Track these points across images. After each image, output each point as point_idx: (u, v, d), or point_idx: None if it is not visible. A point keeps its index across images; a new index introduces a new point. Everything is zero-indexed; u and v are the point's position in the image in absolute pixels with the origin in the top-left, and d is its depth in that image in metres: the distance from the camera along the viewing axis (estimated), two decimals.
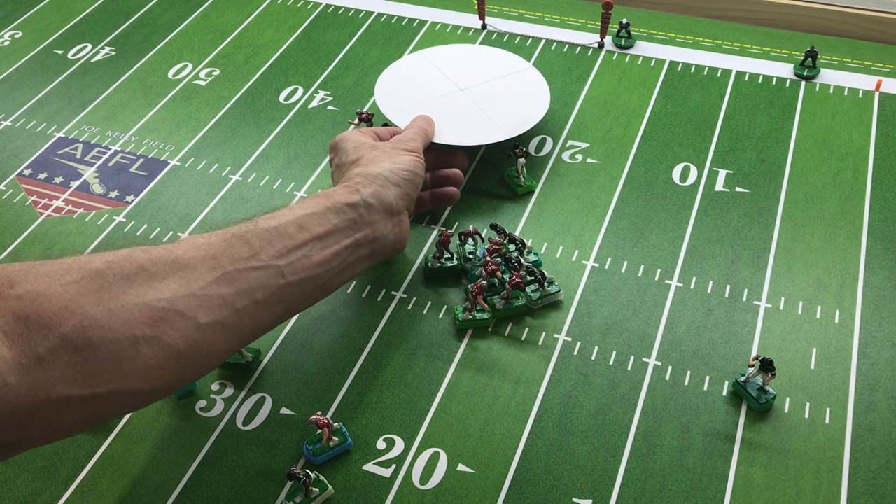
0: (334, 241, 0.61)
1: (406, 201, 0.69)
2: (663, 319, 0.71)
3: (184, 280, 0.52)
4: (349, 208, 0.63)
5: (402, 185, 0.68)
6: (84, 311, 0.47)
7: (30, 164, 0.90)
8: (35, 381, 0.44)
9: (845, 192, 0.81)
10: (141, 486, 0.62)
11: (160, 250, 0.53)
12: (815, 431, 0.63)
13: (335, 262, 0.61)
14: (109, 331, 0.47)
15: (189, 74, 1.01)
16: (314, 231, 0.60)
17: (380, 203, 0.65)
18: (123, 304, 0.48)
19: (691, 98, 0.93)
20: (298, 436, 0.64)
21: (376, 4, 1.10)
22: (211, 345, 0.53)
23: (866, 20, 1.01)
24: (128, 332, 0.48)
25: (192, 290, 0.52)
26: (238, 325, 0.54)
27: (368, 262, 0.66)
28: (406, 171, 0.69)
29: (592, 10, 1.07)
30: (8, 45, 1.08)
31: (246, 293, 0.54)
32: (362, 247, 0.64)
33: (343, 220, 0.62)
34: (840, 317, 0.70)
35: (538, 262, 0.75)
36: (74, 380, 0.45)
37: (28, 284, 0.46)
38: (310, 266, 0.59)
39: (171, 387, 0.51)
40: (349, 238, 0.62)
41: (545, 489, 0.60)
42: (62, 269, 0.48)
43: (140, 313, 0.49)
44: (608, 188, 0.83)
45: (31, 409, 0.44)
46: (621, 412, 0.64)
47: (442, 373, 0.68)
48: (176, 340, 0.50)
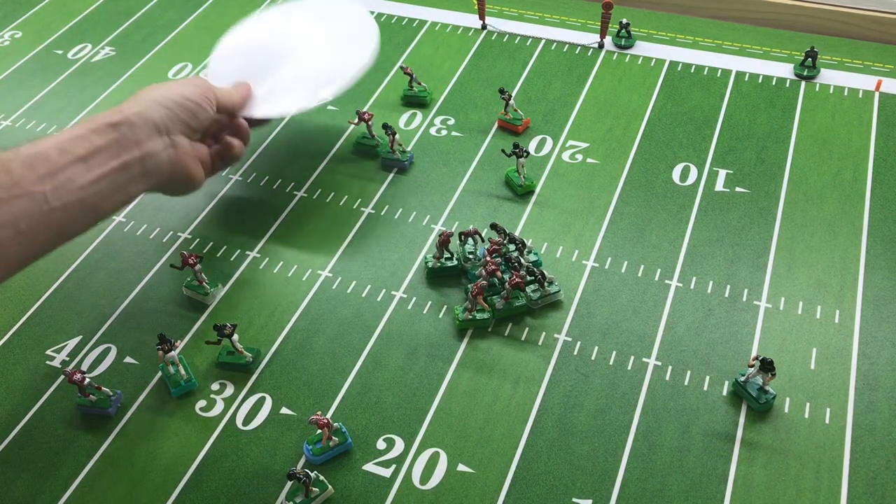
0: (99, 162, 0.60)
1: (179, 125, 0.67)
2: (663, 319, 0.71)
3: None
4: (111, 128, 0.61)
5: (172, 108, 0.66)
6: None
7: None
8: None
9: (845, 192, 0.81)
10: (141, 486, 0.62)
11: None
12: (815, 431, 0.63)
13: (103, 184, 0.60)
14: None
15: (189, 74, 1.01)
16: (76, 153, 0.59)
17: (143, 121, 0.63)
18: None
19: (691, 98, 0.93)
20: (298, 436, 0.64)
21: (376, 4, 1.10)
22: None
23: (866, 20, 1.01)
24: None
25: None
26: (2, 257, 0.53)
27: (143, 183, 0.64)
28: (178, 96, 0.67)
29: (592, 10, 1.07)
30: (8, 45, 1.08)
31: (9, 224, 0.54)
32: (131, 166, 0.62)
33: (106, 139, 0.61)
34: (840, 317, 0.70)
35: (538, 261, 0.75)
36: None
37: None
38: (75, 189, 0.58)
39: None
40: (116, 160, 0.61)
41: (545, 489, 0.60)
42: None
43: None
44: (608, 188, 0.83)
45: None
46: (621, 412, 0.64)
47: (442, 373, 0.68)
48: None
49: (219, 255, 0.79)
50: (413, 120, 0.92)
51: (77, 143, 0.59)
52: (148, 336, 0.72)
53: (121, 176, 0.61)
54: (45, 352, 0.72)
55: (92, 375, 0.69)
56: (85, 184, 0.58)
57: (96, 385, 0.66)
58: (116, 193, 0.61)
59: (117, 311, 0.74)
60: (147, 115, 0.64)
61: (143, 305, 0.75)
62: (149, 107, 0.65)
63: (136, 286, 0.77)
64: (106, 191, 0.60)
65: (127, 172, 0.62)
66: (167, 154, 0.65)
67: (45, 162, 0.57)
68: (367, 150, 0.88)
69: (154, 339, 0.69)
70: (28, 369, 0.70)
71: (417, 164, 0.87)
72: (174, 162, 0.66)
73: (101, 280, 0.77)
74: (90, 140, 0.60)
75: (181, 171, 0.67)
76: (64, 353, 0.71)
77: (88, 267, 0.78)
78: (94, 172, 0.59)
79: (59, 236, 0.58)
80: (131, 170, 0.62)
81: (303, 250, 0.79)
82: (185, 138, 0.67)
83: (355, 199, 0.83)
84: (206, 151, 0.71)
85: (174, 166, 0.66)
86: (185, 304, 0.75)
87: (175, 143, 0.66)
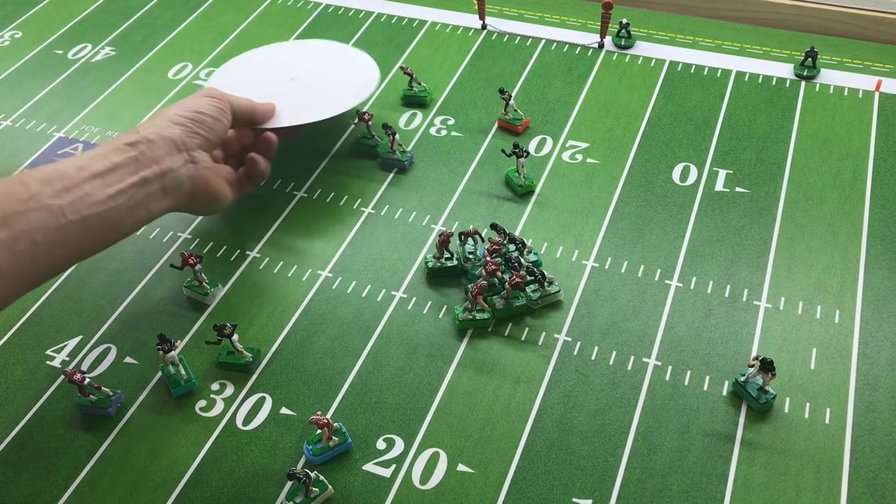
0: (117, 178, 0.60)
1: (197, 140, 0.67)
2: (663, 319, 0.71)
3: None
4: (129, 147, 0.62)
5: (187, 125, 0.67)
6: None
7: (30, 164, 0.90)
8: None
9: (845, 192, 0.81)
10: (141, 486, 0.62)
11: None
12: (815, 431, 0.63)
13: (122, 200, 0.60)
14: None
15: (189, 74, 1.01)
16: (94, 170, 0.59)
17: (161, 139, 0.64)
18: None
19: (691, 98, 0.93)
20: (298, 436, 0.64)
21: (376, 4, 1.10)
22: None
23: (866, 20, 1.01)
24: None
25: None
26: (18, 270, 0.54)
27: (165, 200, 0.64)
28: (192, 112, 0.68)
29: (592, 10, 1.07)
30: (8, 45, 1.08)
31: (26, 236, 0.54)
32: (151, 183, 0.62)
33: (124, 157, 0.61)
34: (840, 317, 0.70)
35: (538, 262, 0.75)
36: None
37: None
38: (92, 204, 0.58)
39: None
40: (134, 175, 0.61)
41: (545, 489, 0.60)
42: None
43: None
44: (608, 188, 0.83)
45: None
46: (621, 412, 0.64)
47: (442, 373, 0.68)
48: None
49: (219, 255, 0.79)
50: (413, 120, 0.92)
51: (95, 161, 0.60)
52: (148, 336, 0.72)
53: (140, 192, 0.61)
54: (45, 352, 0.72)
55: (92, 375, 0.69)
56: (103, 198, 0.59)
57: (96, 385, 0.66)
58: (136, 210, 0.62)
59: (117, 311, 0.74)
60: (164, 133, 0.65)
61: (143, 305, 0.75)
62: (165, 125, 0.65)
63: (136, 286, 0.77)
64: (125, 207, 0.60)
65: (146, 189, 0.62)
66: (187, 170, 0.65)
67: (63, 178, 0.57)
68: (367, 150, 0.88)
69: (154, 339, 0.69)
70: (28, 369, 0.70)
71: (417, 164, 0.87)
72: (195, 178, 0.66)
73: (101, 280, 0.77)
74: (108, 158, 0.61)
75: (203, 187, 0.67)
76: (64, 353, 0.71)
77: (88, 267, 0.78)
78: (112, 188, 0.59)
79: (76, 252, 0.58)
80: (150, 186, 0.62)
81: (303, 250, 0.79)
82: (205, 154, 0.68)
83: (355, 199, 0.83)
84: (230, 170, 0.72)
85: (195, 182, 0.66)
86: (185, 304, 0.75)
87: (195, 159, 0.66)
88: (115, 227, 0.60)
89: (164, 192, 0.64)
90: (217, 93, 0.72)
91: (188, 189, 0.66)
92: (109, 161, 0.60)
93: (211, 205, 0.70)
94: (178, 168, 0.65)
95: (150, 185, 0.62)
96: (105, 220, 0.59)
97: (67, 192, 0.57)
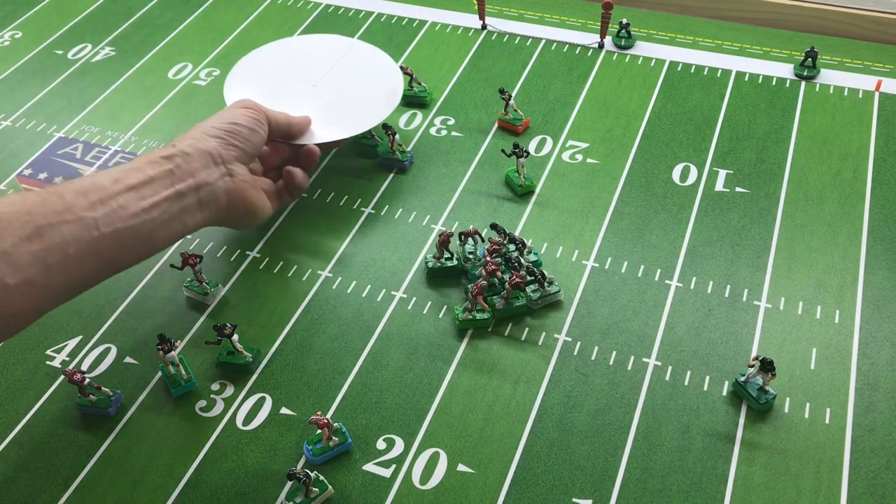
0: (152, 191, 0.60)
1: (234, 152, 0.67)
2: (663, 319, 0.71)
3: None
4: (165, 160, 0.62)
5: (223, 137, 0.66)
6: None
7: (30, 164, 0.90)
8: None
9: (845, 192, 0.81)
10: (141, 486, 0.62)
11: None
12: (815, 431, 0.63)
13: (156, 213, 0.60)
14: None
15: (189, 74, 1.01)
16: (129, 182, 0.59)
17: (197, 152, 0.64)
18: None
19: (691, 98, 0.93)
20: (298, 436, 0.64)
21: (376, 4, 1.10)
22: (19, 305, 0.52)
23: (866, 20, 1.01)
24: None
25: (3, 247, 0.51)
26: (50, 283, 0.53)
27: (200, 213, 0.64)
28: (228, 124, 0.67)
29: (592, 10, 1.07)
30: (8, 45, 1.08)
31: (58, 248, 0.53)
32: (186, 196, 0.62)
33: (159, 170, 0.61)
34: (840, 317, 0.70)
35: (538, 262, 0.75)
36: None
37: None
38: (126, 217, 0.58)
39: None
40: (169, 189, 0.61)
41: (545, 489, 0.60)
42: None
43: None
44: (608, 188, 0.83)
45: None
46: (621, 412, 0.64)
47: (442, 373, 0.68)
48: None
49: (219, 255, 0.79)
50: (413, 120, 0.92)
51: (130, 174, 0.60)
52: (148, 336, 0.72)
53: (175, 205, 0.61)
54: (45, 352, 0.72)
55: (92, 375, 0.69)
56: (137, 211, 0.58)
57: (96, 385, 0.66)
58: (171, 223, 0.61)
59: (117, 311, 0.74)
60: (200, 146, 0.64)
61: (143, 305, 0.75)
62: (201, 137, 0.65)
63: (136, 286, 0.77)
64: (159, 220, 0.60)
65: (181, 202, 0.62)
66: (224, 183, 0.65)
67: (98, 190, 0.57)
68: (367, 150, 0.88)
69: (154, 339, 0.69)
70: (28, 369, 0.70)
71: (417, 164, 0.87)
72: (231, 191, 0.66)
73: None
74: (144, 171, 0.60)
75: (240, 200, 0.67)
76: (64, 353, 0.71)
77: None
78: (146, 201, 0.59)
79: (109, 265, 0.58)
80: (186, 199, 0.62)
81: (303, 250, 0.79)
82: (242, 167, 0.68)
83: (355, 199, 0.83)
84: (269, 182, 0.72)
85: (232, 195, 0.66)
86: (185, 304, 0.75)
87: (232, 172, 0.66)
88: (148, 241, 0.60)
89: (199, 205, 0.63)
90: (253, 104, 0.71)
91: (224, 202, 0.66)
92: (145, 174, 0.60)
93: (248, 218, 0.69)
94: (215, 181, 0.64)
95: (186, 199, 0.62)
96: (138, 234, 0.59)
97: (102, 204, 0.57)
